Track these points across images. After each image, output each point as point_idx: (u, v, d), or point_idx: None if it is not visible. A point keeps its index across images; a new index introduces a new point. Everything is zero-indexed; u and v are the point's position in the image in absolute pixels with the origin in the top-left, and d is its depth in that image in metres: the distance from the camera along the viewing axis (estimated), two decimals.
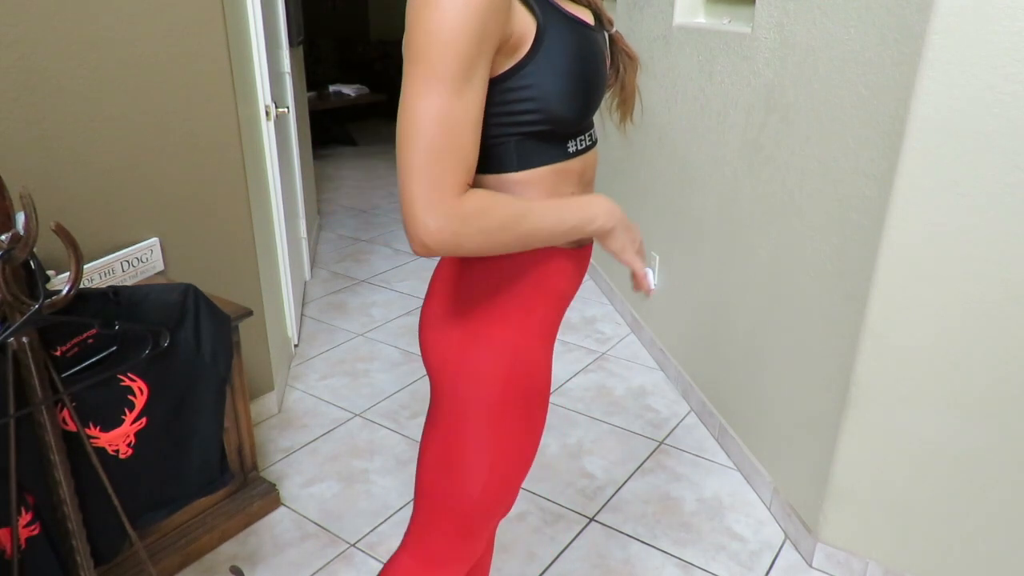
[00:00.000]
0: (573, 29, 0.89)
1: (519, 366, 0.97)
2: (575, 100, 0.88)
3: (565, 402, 2.60)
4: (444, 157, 0.77)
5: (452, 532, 1.05)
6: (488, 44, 0.77)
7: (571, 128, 0.92)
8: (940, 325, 1.53)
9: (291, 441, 2.36)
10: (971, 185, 1.42)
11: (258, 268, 2.21)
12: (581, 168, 0.96)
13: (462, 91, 0.77)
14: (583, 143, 0.96)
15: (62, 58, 1.60)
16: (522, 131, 0.88)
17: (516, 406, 0.99)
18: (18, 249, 1.11)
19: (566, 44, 0.86)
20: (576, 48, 0.88)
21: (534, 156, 0.90)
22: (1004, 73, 1.34)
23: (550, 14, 0.86)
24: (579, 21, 0.90)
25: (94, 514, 1.34)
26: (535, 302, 0.97)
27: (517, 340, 0.96)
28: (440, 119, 0.76)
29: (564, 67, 0.86)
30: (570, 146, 0.93)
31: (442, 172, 0.77)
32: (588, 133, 0.98)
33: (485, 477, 1.00)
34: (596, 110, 0.96)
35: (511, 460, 1.01)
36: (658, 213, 2.76)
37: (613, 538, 1.96)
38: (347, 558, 1.88)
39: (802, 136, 1.81)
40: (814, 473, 1.82)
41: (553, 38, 0.85)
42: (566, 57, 0.86)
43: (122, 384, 1.31)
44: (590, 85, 0.90)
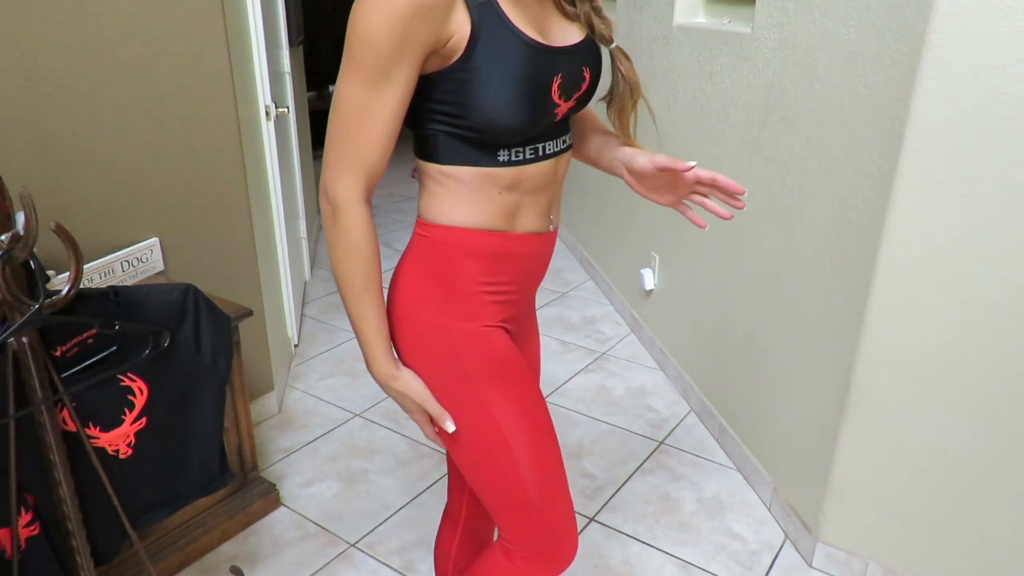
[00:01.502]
0: (514, 49, 0.89)
1: (455, 348, 1.01)
2: (501, 116, 0.90)
3: (565, 402, 2.60)
4: (348, 141, 0.89)
5: (533, 519, 1.06)
6: (411, 48, 0.84)
7: (498, 139, 0.94)
8: (940, 325, 1.53)
9: (291, 441, 2.36)
10: (971, 185, 1.42)
11: (258, 268, 2.21)
12: (514, 179, 0.98)
13: (379, 87, 0.86)
14: (520, 155, 0.96)
15: (62, 58, 1.60)
16: (447, 130, 0.94)
17: (484, 380, 1.02)
18: (18, 249, 1.11)
19: (499, 60, 0.88)
20: (511, 67, 0.89)
21: (458, 155, 0.95)
22: (1004, 73, 1.34)
23: (491, 27, 0.87)
24: (529, 41, 0.90)
25: (94, 514, 1.34)
26: (451, 288, 1.01)
27: (444, 324, 1.01)
28: (353, 108, 0.87)
29: (491, 82, 0.88)
30: (500, 155, 0.96)
31: (340, 158, 0.90)
32: (534, 147, 0.97)
33: (514, 455, 1.02)
34: (534, 128, 0.94)
35: (522, 428, 1.03)
36: (658, 213, 2.76)
37: (613, 538, 1.96)
38: (347, 558, 1.88)
39: (802, 136, 1.81)
40: (814, 473, 1.82)
41: (484, 52, 0.88)
42: (495, 73, 0.88)
43: (122, 384, 1.31)
44: (521, 104, 0.91)
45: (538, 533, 1.07)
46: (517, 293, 1.07)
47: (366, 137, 0.89)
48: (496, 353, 1.03)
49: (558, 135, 1.01)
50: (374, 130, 0.88)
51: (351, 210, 0.91)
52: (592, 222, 3.61)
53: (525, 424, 1.03)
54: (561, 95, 0.95)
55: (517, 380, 1.05)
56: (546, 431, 1.07)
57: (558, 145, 1.02)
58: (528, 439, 1.03)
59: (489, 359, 1.03)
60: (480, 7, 0.87)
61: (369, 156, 0.90)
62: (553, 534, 1.07)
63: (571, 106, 1.00)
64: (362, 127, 0.88)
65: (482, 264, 1.01)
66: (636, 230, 2.99)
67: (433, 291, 1.01)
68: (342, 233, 0.92)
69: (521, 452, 1.03)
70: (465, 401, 1.02)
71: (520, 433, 1.03)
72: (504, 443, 1.02)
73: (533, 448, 1.04)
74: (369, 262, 0.94)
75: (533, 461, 1.04)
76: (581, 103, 1.03)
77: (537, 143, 0.98)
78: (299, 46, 3.86)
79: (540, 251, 1.07)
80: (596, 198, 3.47)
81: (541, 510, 1.05)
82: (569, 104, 0.99)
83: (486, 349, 1.02)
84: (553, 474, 1.06)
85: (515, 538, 1.07)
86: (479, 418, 1.02)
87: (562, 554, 1.08)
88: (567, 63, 0.96)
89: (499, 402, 1.02)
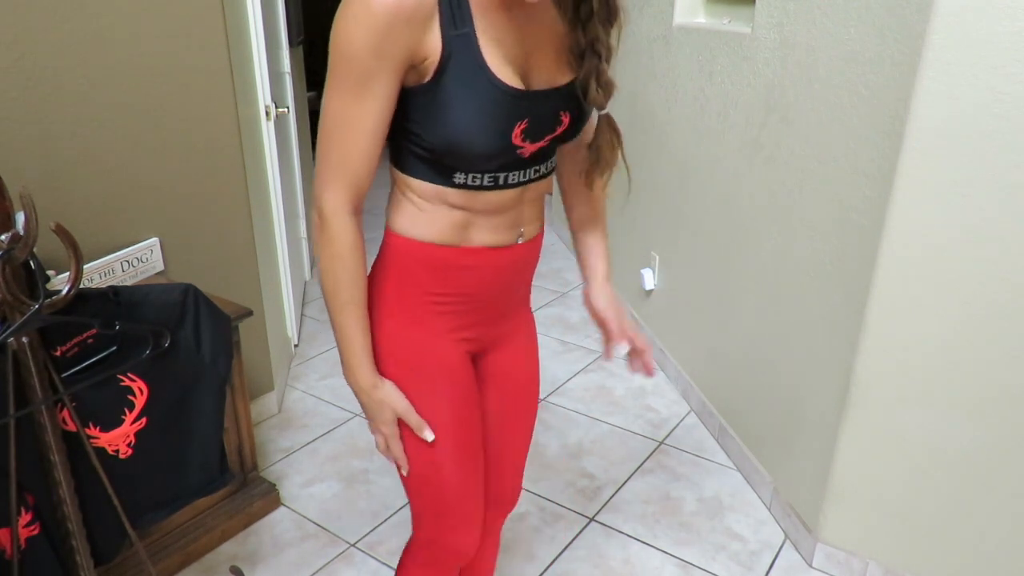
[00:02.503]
0: (479, 86, 0.89)
1: (399, 350, 1.05)
2: (455, 146, 0.91)
3: (565, 402, 2.60)
4: (333, 152, 0.91)
5: (426, 513, 1.14)
6: (390, 60, 0.85)
7: (454, 164, 0.94)
8: (940, 325, 1.53)
9: (291, 441, 2.36)
10: (971, 185, 1.42)
11: (258, 268, 2.21)
12: (467, 201, 0.98)
13: (360, 99, 0.87)
14: (477, 181, 0.96)
15: (62, 58, 1.60)
16: (408, 143, 0.95)
17: (408, 384, 1.05)
18: (18, 249, 1.11)
19: (462, 94, 0.89)
20: (472, 104, 0.89)
21: (418, 168, 0.97)
22: (1004, 73, 1.34)
23: (461, 59, 0.88)
24: (496, 81, 0.89)
25: (94, 514, 1.34)
26: (402, 293, 1.04)
27: (393, 327, 1.05)
28: (336, 120, 0.89)
29: (451, 112, 0.89)
30: (456, 178, 0.96)
31: (328, 172, 0.92)
32: (493, 176, 0.96)
33: (412, 455, 1.07)
34: (489, 163, 0.94)
35: (418, 442, 1.06)
36: (658, 213, 2.76)
37: (613, 538, 1.96)
38: (347, 558, 1.88)
39: (802, 136, 1.81)
40: (814, 473, 1.82)
41: (450, 82, 0.89)
42: (457, 105, 0.89)
43: (122, 384, 1.30)
44: (477, 140, 0.91)
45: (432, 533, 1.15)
46: (474, 303, 1.06)
47: (349, 148, 0.91)
48: (433, 364, 1.06)
49: (528, 166, 0.99)
50: (357, 142, 0.90)
51: (337, 220, 0.93)
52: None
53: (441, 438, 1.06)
54: (526, 138, 0.94)
55: (445, 395, 1.07)
56: (461, 449, 1.09)
57: (527, 175, 1.00)
58: (425, 448, 1.07)
59: (425, 367, 1.06)
60: (456, 37, 0.87)
61: (353, 167, 0.92)
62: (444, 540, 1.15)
63: (542, 146, 0.98)
64: (345, 139, 0.90)
65: (430, 275, 1.02)
66: (636, 230, 2.99)
67: (389, 295, 1.04)
68: (328, 243, 0.95)
69: (419, 462, 1.08)
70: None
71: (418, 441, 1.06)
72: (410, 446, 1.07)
73: (427, 463, 1.08)
74: (354, 272, 0.96)
75: (426, 472, 1.09)
76: (559, 142, 1.01)
77: (498, 173, 0.97)
78: (299, 46, 3.85)
79: (504, 263, 1.05)
80: None
81: (442, 516, 1.13)
82: (539, 145, 0.97)
83: (424, 357, 1.06)
84: (450, 489, 1.10)
85: (416, 524, 1.16)
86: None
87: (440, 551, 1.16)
88: (539, 107, 0.94)
89: (423, 410, 1.05)
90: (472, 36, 0.88)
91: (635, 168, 1.15)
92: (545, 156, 1.02)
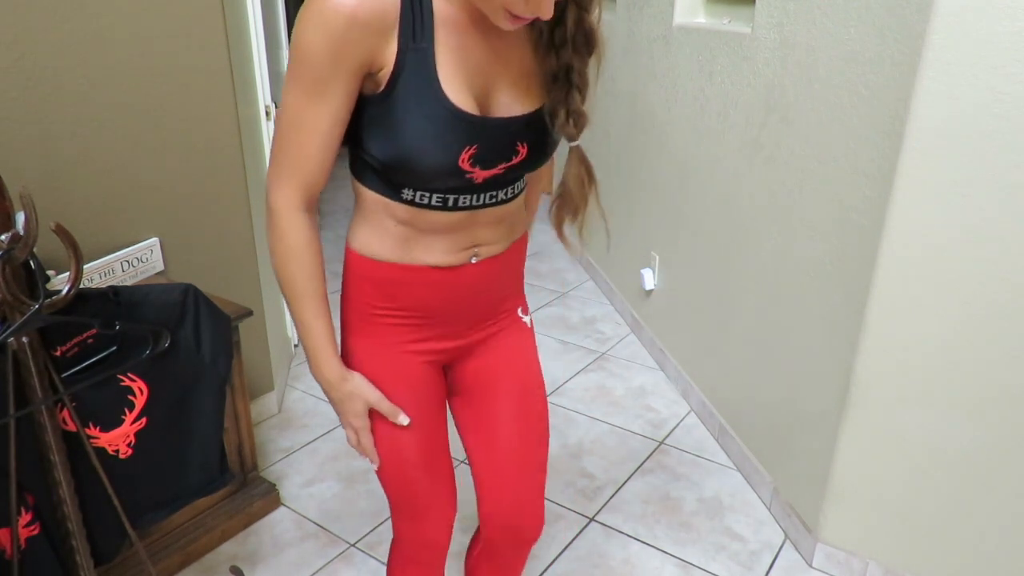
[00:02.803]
0: (427, 106, 0.87)
1: (357, 362, 1.07)
2: (399, 162, 0.91)
3: (565, 402, 2.60)
4: (286, 151, 0.92)
5: (396, 508, 1.17)
6: (344, 66, 0.85)
7: (400, 179, 0.94)
8: (940, 325, 1.53)
9: (291, 441, 2.36)
10: (971, 185, 1.42)
11: (258, 268, 2.21)
12: (412, 218, 0.97)
13: (315, 101, 0.87)
14: (425, 199, 0.95)
15: (62, 58, 1.60)
16: (361, 152, 0.95)
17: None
18: (18, 249, 1.11)
19: (410, 110, 0.88)
20: (418, 122, 0.88)
21: (370, 178, 0.97)
22: (1004, 73, 1.34)
23: (414, 74, 0.87)
24: (446, 102, 0.87)
25: (94, 514, 1.34)
26: (354, 306, 1.07)
27: (349, 336, 1.08)
28: (291, 120, 0.89)
29: (397, 127, 0.89)
30: (404, 193, 0.95)
31: (280, 170, 0.93)
32: (442, 196, 0.95)
33: (381, 451, 1.10)
34: (433, 183, 0.93)
35: (381, 441, 1.09)
36: (658, 213, 2.76)
37: (613, 538, 1.96)
38: (347, 558, 1.88)
39: (802, 136, 1.81)
40: (814, 473, 1.82)
41: (401, 97, 0.88)
42: (404, 120, 0.88)
43: (122, 384, 1.30)
44: (421, 160, 0.90)
45: (401, 530, 1.19)
46: (428, 318, 1.05)
47: (303, 148, 0.91)
48: (390, 373, 1.07)
49: (482, 191, 0.96)
50: (311, 142, 0.90)
51: (287, 216, 0.94)
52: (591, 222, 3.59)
53: (385, 440, 1.09)
54: (475, 164, 0.92)
55: (404, 399, 1.07)
56: (403, 451, 1.10)
57: (479, 200, 0.97)
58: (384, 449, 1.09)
59: (383, 376, 1.06)
60: (413, 51, 0.86)
61: (305, 167, 0.92)
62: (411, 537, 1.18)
63: (496, 174, 0.94)
64: (299, 139, 0.90)
65: (375, 290, 1.03)
66: (636, 230, 2.99)
67: (345, 306, 1.08)
68: (279, 238, 0.95)
69: (385, 465, 1.11)
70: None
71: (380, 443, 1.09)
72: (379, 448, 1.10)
73: (389, 465, 1.11)
74: (309, 267, 0.97)
75: (389, 475, 1.12)
76: (518, 171, 0.97)
77: (447, 194, 0.95)
78: None
79: (455, 282, 1.03)
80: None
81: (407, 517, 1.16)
82: (492, 172, 0.94)
83: (382, 367, 1.07)
84: (408, 492, 1.13)
85: (393, 519, 1.20)
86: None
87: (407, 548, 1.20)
88: (492, 134, 0.92)
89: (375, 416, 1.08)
90: (430, 52, 0.87)
91: (635, 168, 1.15)
92: (504, 183, 0.98)
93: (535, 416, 1.19)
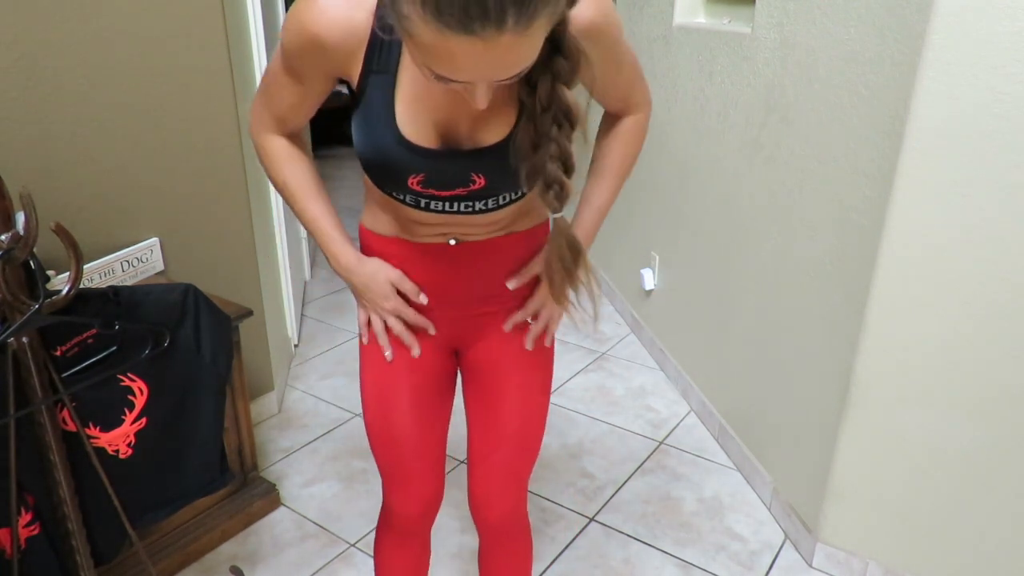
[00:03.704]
0: (379, 127, 0.89)
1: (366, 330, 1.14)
2: (364, 164, 0.95)
3: (565, 402, 2.60)
4: (263, 98, 1.01)
5: (381, 472, 1.21)
6: (311, 71, 0.92)
7: (377, 180, 0.97)
8: (940, 325, 1.53)
9: (291, 441, 2.36)
10: (971, 185, 1.42)
11: (258, 268, 2.21)
12: (392, 206, 1.00)
13: (290, 77, 0.95)
14: (400, 196, 0.96)
15: (62, 58, 1.60)
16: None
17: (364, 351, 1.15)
18: (18, 249, 1.11)
19: (368, 126, 0.91)
20: (373, 139, 0.91)
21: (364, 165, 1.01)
22: (1004, 73, 1.34)
23: (375, 95, 0.89)
24: (393, 129, 0.88)
25: (94, 514, 1.34)
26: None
27: (361, 309, 1.13)
28: (272, 76, 0.97)
29: (360, 135, 0.92)
30: (387, 188, 0.97)
31: (260, 106, 1.02)
32: (415, 198, 0.95)
33: (367, 412, 1.16)
34: (397, 193, 0.95)
35: (363, 386, 1.16)
36: (658, 213, 2.76)
37: (613, 538, 1.96)
38: (347, 558, 1.88)
39: (802, 136, 1.81)
40: (814, 473, 1.82)
41: (363, 111, 0.91)
42: (364, 133, 0.92)
43: (122, 384, 1.31)
44: (377, 172, 0.95)
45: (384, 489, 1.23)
46: (424, 287, 1.08)
47: (279, 103, 0.99)
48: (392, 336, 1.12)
49: (455, 201, 0.95)
50: (283, 101, 0.99)
51: (268, 138, 1.04)
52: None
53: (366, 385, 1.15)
54: (427, 187, 0.92)
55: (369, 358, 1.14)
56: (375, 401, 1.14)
57: (454, 207, 0.96)
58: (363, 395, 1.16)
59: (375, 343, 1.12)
60: (376, 75, 0.88)
61: (281, 115, 1.01)
62: (390, 498, 1.22)
63: (459, 194, 0.94)
64: (275, 95, 0.99)
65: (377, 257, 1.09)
66: (636, 230, 2.99)
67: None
68: (266, 155, 1.05)
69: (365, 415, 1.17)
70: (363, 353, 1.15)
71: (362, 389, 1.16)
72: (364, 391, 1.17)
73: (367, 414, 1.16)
74: (301, 169, 1.05)
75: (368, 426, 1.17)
76: (484, 195, 0.95)
77: (420, 198, 0.95)
78: None
79: (440, 256, 1.04)
80: None
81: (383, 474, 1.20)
82: (453, 192, 0.93)
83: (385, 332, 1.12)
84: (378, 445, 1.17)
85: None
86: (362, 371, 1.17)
87: (388, 507, 1.23)
88: (439, 165, 0.91)
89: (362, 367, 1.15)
90: (391, 80, 0.88)
91: (635, 168, 1.14)
92: (479, 198, 0.96)
93: (507, 412, 1.18)
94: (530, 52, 0.72)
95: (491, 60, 0.69)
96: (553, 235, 0.94)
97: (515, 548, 1.31)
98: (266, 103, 1.01)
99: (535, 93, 0.82)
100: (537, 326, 1.15)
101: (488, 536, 1.28)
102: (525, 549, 1.33)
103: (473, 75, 0.72)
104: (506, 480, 1.21)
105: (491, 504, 1.22)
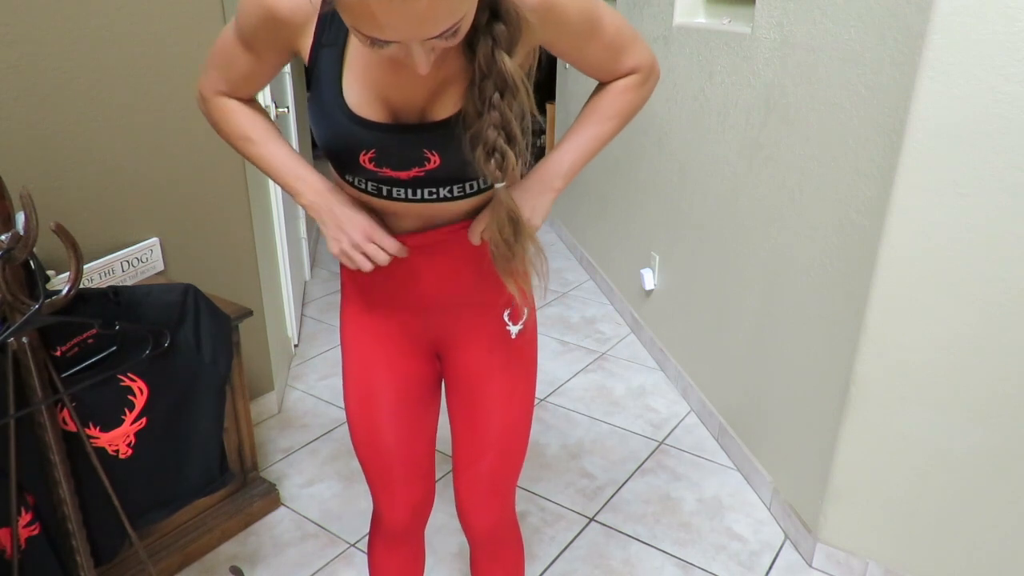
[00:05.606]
0: (327, 101, 0.89)
1: (347, 324, 1.14)
2: (322, 148, 0.95)
3: (565, 402, 2.60)
4: (215, 64, 0.98)
5: (367, 477, 1.21)
6: (264, 45, 0.92)
7: (334, 162, 0.97)
8: (940, 325, 1.53)
9: (291, 441, 2.36)
10: (971, 185, 1.42)
11: (258, 268, 2.21)
12: (356, 195, 0.99)
13: (243, 47, 0.93)
14: (361, 184, 0.95)
15: (62, 58, 1.60)
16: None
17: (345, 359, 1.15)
18: (18, 249, 1.11)
19: (320, 101, 0.90)
20: (323, 114, 0.90)
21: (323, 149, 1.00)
22: (1004, 73, 1.34)
23: (324, 71, 0.89)
24: (340, 103, 0.88)
25: (94, 514, 1.33)
26: (343, 271, 1.13)
27: (343, 307, 1.15)
28: (224, 42, 0.96)
29: (315, 114, 0.92)
30: (346, 176, 0.97)
31: (211, 69, 0.99)
32: (376, 185, 0.93)
33: (351, 418, 1.16)
34: (354, 176, 0.94)
35: (346, 393, 1.15)
36: (658, 213, 2.76)
37: (613, 538, 1.96)
38: (347, 558, 1.88)
39: (802, 136, 1.81)
40: (814, 473, 1.82)
41: (315, 87, 0.91)
42: (315, 110, 0.92)
43: (122, 384, 1.30)
44: (332, 152, 0.94)
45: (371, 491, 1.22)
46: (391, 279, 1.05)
47: (228, 71, 0.98)
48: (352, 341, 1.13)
49: (416, 186, 0.92)
50: (236, 71, 0.97)
51: (216, 98, 1.01)
52: (592, 222, 3.60)
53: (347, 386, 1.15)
54: (380, 165, 0.90)
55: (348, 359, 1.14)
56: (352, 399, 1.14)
57: (417, 195, 0.93)
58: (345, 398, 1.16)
59: (344, 337, 1.14)
60: (324, 49, 0.88)
61: (231, 81, 0.99)
62: (376, 500, 1.22)
63: (417, 175, 0.91)
64: (228, 64, 0.97)
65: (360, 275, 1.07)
66: (636, 230, 2.99)
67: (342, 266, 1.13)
68: (213, 110, 1.02)
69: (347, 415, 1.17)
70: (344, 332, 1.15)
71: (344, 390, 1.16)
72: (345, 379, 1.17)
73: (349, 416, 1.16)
74: (246, 116, 1.01)
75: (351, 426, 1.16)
76: (445, 178, 0.92)
77: (381, 184, 0.93)
78: None
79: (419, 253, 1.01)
80: (596, 198, 3.47)
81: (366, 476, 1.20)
82: (411, 174, 0.90)
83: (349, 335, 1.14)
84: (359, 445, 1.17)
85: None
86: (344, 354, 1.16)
87: (375, 509, 1.23)
88: (389, 140, 0.89)
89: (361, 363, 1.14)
90: (339, 52, 0.88)
91: (635, 168, 1.14)
92: (441, 183, 0.93)
93: (489, 420, 1.15)
94: (453, 5, 0.69)
95: (411, 15, 0.68)
96: (493, 206, 0.90)
97: (505, 556, 1.29)
98: (217, 67, 0.98)
99: (476, 59, 0.81)
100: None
101: (478, 545, 1.27)
102: (516, 557, 1.31)
103: (399, 33, 0.71)
104: (491, 488, 1.19)
105: (478, 512, 1.21)
